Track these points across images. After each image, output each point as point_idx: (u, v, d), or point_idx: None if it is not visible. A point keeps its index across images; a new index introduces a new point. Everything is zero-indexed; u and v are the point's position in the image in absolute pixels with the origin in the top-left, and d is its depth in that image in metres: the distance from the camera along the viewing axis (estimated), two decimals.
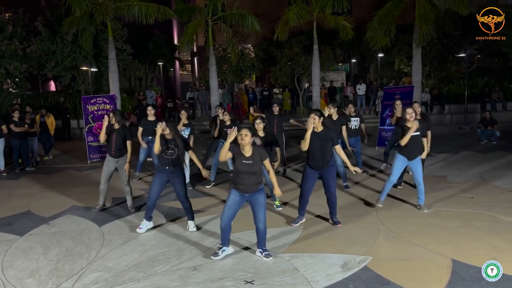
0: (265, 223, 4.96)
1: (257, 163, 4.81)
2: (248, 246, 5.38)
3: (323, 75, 20.71)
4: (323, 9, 15.34)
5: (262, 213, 4.91)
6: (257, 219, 4.94)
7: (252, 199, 4.91)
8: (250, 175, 4.80)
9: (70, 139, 16.74)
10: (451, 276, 4.42)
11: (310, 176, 5.87)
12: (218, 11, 16.40)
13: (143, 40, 26.05)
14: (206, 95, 19.58)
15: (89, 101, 11.66)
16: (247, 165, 4.78)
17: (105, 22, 14.94)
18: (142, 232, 5.96)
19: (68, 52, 17.32)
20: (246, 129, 4.79)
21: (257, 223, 4.96)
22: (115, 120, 6.72)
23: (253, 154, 4.81)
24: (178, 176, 5.84)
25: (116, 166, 6.83)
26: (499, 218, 6.07)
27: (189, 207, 6.01)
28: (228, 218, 4.93)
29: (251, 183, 4.82)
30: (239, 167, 4.81)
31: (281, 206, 6.92)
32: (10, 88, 16.06)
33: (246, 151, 4.81)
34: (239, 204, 4.96)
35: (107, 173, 6.89)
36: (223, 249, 5.08)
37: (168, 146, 5.72)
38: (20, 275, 4.83)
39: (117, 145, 6.70)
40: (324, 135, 5.69)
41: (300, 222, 6.10)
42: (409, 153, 6.36)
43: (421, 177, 6.48)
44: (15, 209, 7.35)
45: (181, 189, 5.87)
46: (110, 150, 6.77)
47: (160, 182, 5.87)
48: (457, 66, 22.15)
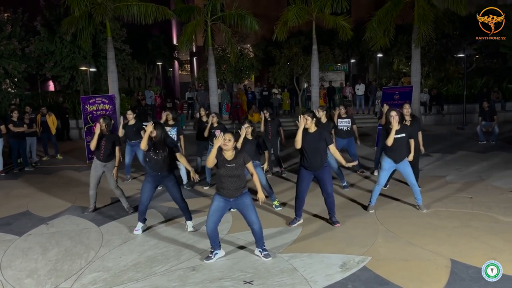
0: (259, 224, 4.93)
1: (239, 167, 4.78)
2: (244, 245, 5.39)
3: (322, 75, 20.70)
4: (322, 9, 15.34)
5: (253, 215, 4.88)
6: (250, 222, 4.91)
7: (238, 203, 4.87)
8: (232, 178, 4.76)
9: (69, 139, 16.74)
10: (450, 276, 4.42)
11: (304, 177, 5.88)
12: (217, 11, 16.39)
13: (142, 40, 26.01)
14: (205, 95, 19.57)
15: (88, 101, 11.64)
16: (229, 168, 4.75)
17: (104, 22, 14.91)
18: (139, 234, 5.96)
19: (67, 52, 17.29)
20: (230, 134, 4.77)
21: (251, 226, 4.93)
22: (105, 125, 6.71)
23: (236, 157, 4.78)
24: (170, 179, 5.84)
25: (104, 170, 6.84)
26: (498, 218, 6.07)
27: (185, 208, 6.02)
28: (213, 224, 4.87)
29: (234, 187, 4.79)
30: (222, 171, 4.77)
31: (280, 206, 6.92)
32: (9, 88, 16.04)
33: (228, 155, 4.78)
34: (223, 210, 4.89)
35: (95, 178, 6.89)
36: (215, 253, 5.06)
37: (156, 150, 5.67)
38: (18, 275, 4.82)
39: (106, 150, 6.73)
40: (317, 135, 5.69)
41: (297, 223, 6.11)
42: (395, 157, 6.32)
43: (413, 178, 6.47)
44: (13, 209, 7.34)
45: (176, 191, 5.89)
46: (99, 154, 6.77)
47: (151, 188, 5.86)
48: (456, 66, 22.16)
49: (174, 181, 5.89)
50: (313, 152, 5.67)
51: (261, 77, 25.62)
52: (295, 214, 6.13)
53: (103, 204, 7.49)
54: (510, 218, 6.03)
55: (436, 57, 21.30)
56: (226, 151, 4.77)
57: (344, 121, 8.77)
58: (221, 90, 19.82)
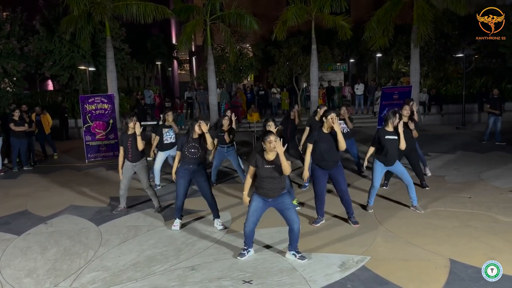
0: (299, 223, 4.88)
1: (279, 167, 4.72)
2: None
3: (321, 75, 20.71)
4: (322, 9, 15.35)
5: (294, 214, 4.84)
6: (291, 221, 4.83)
7: (277, 203, 4.85)
8: (272, 179, 4.74)
9: (68, 138, 16.71)
10: (449, 276, 4.42)
11: (320, 176, 5.91)
12: (216, 10, 16.39)
13: (141, 40, 25.99)
14: (204, 95, 19.56)
15: (87, 101, 11.63)
16: (268, 170, 4.73)
17: (103, 21, 14.90)
18: (177, 230, 6.00)
19: (66, 51, 17.27)
20: (274, 135, 4.70)
21: (292, 225, 4.84)
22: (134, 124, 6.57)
23: (276, 158, 4.74)
24: (202, 174, 5.93)
25: (134, 170, 6.74)
26: (498, 218, 6.07)
27: (214, 204, 6.08)
28: (253, 224, 4.91)
29: (274, 187, 4.77)
30: (262, 172, 4.76)
31: (299, 206, 6.90)
32: (7, 87, 16.01)
33: (270, 156, 4.76)
34: (262, 210, 4.91)
35: (127, 179, 6.79)
36: (249, 250, 5.08)
37: (191, 145, 5.81)
38: (17, 274, 4.82)
39: (133, 150, 6.59)
40: (332, 135, 5.74)
41: (321, 222, 6.11)
42: (386, 161, 6.32)
43: (408, 176, 6.45)
44: (12, 209, 7.33)
45: (206, 187, 5.96)
46: (127, 155, 6.66)
47: (184, 182, 5.94)
48: (455, 66, 22.18)
49: (205, 176, 5.97)
50: (328, 151, 5.73)
51: (260, 77, 25.62)
52: (317, 214, 6.15)
53: (103, 204, 7.48)
54: (509, 218, 6.04)
55: (435, 57, 21.30)
56: (270, 152, 4.74)
57: (342, 122, 8.74)
58: (220, 89, 19.80)
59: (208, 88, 17.63)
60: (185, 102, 20.40)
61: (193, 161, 5.84)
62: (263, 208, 4.91)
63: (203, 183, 5.94)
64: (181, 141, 5.96)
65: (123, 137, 6.68)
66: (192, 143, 5.83)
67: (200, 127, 5.78)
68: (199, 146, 5.84)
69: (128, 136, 6.60)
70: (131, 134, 6.59)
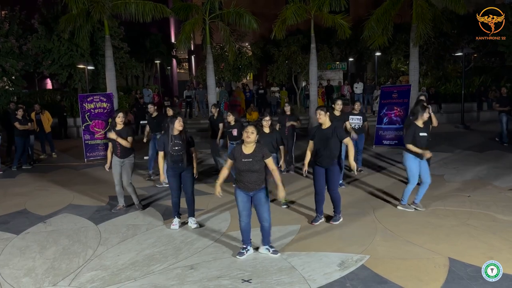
0: (270, 222, 4.94)
1: (257, 162, 4.76)
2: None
3: (321, 73, 20.71)
4: (321, 7, 15.31)
5: (266, 212, 4.89)
6: (262, 218, 4.91)
7: (255, 198, 4.88)
8: (250, 173, 4.77)
9: (66, 137, 16.69)
10: (448, 274, 4.42)
11: (319, 173, 5.94)
12: (215, 9, 16.33)
13: (140, 38, 25.98)
14: (203, 94, 19.55)
15: (86, 99, 11.61)
16: (246, 163, 4.76)
17: (102, 20, 14.83)
18: (176, 229, 6.01)
19: (65, 50, 17.23)
20: (253, 127, 4.78)
21: (262, 222, 4.94)
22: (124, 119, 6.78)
23: (254, 152, 4.78)
24: (189, 170, 6.00)
25: (122, 166, 6.79)
26: (496, 217, 6.08)
27: (192, 203, 6.12)
28: (246, 218, 4.93)
29: (252, 181, 4.79)
30: (239, 165, 4.79)
31: (287, 204, 6.91)
32: (6, 86, 15.99)
33: (247, 149, 4.79)
34: (249, 203, 4.93)
35: (117, 174, 6.85)
36: (248, 249, 5.08)
37: (173, 142, 5.85)
38: (16, 273, 4.80)
39: (122, 146, 6.66)
40: (330, 131, 5.78)
41: (320, 221, 6.10)
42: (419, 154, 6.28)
43: (429, 176, 6.41)
44: (11, 208, 7.31)
45: (190, 184, 6.03)
46: (116, 151, 6.72)
47: (176, 180, 6.00)
48: (454, 65, 22.21)
49: (191, 173, 6.03)
50: (324, 148, 5.76)
51: (260, 76, 25.62)
52: (317, 212, 6.15)
53: (102, 203, 7.47)
54: (508, 217, 6.04)
55: (434, 55, 21.33)
56: (247, 144, 4.77)
57: (356, 118, 8.75)
58: (219, 88, 19.79)
59: (207, 87, 17.61)
60: (184, 101, 20.39)
61: (179, 158, 5.87)
62: (249, 201, 4.92)
63: (188, 178, 6.00)
64: (162, 141, 6.00)
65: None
66: (175, 141, 5.86)
67: (180, 123, 5.86)
68: (181, 142, 5.87)
69: (117, 132, 6.68)
70: (119, 129, 6.69)
